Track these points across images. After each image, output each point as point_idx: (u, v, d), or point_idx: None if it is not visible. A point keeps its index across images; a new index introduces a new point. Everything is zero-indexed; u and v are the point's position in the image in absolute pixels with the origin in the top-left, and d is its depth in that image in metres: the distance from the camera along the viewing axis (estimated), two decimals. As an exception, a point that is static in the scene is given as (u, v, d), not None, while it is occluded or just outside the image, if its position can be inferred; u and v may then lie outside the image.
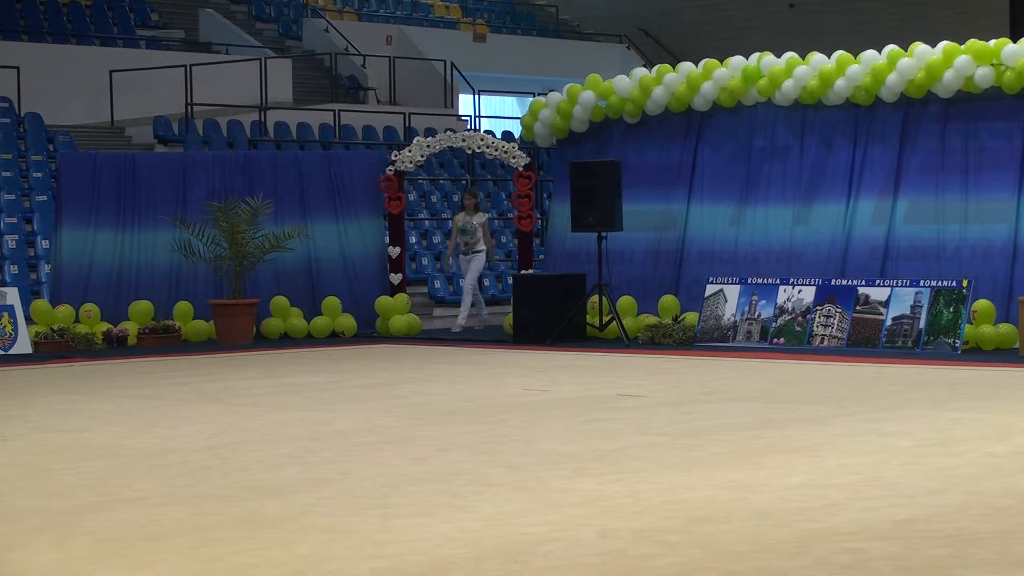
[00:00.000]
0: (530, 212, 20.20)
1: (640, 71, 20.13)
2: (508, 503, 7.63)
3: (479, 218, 20.55)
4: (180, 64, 26.62)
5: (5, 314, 17.93)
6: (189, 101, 26.05)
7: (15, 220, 21.31)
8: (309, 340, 19.57)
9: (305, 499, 7.82)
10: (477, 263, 20.42)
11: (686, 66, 19.57)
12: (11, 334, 17.93)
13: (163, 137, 25.26)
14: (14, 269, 20.54)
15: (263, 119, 26.73)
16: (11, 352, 17.76)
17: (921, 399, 12.23)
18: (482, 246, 20.43)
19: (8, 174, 22.33)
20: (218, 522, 7.23)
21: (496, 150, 20.47)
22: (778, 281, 17.78)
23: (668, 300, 18.74)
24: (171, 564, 6.37)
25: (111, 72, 25.94)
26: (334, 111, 27.73)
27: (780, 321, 17.49)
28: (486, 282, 23.80)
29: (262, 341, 19.43)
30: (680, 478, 8.28)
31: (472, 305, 20.60)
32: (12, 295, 18.17)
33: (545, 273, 19.84)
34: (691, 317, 18.29)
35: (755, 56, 18.99)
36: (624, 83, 19.88)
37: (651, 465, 8.78)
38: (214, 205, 19.31)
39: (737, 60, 19.05)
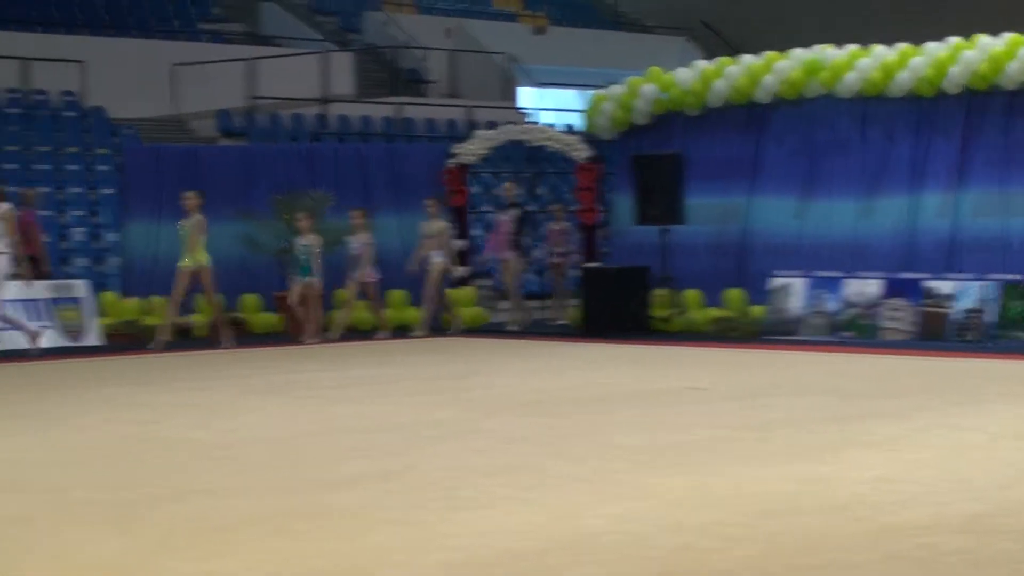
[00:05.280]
0: (593, 205, 20.11)
1: (701, 63, 20.04)
2: (573, 496, 7.61)
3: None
4: (242, 57, 26.74)
5: (75, 306, 18.07)
6: (251, 94, 26.16)
7: (82, 213, 21.47)
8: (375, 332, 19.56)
9: (371, 491, 7.84)
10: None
11: (747, 58, 19.47)
12: (81, 326, 18.06)
13: (226, 130, 25.38)
14: (82, 262, 20.69)
15: (325, 112, 26.80)
16: (81, 344, 17.88)
17: (994, 393, 12.09)
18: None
19: (74, 167, 22.50)
20: (284, 514, 7.25)
21: (559, 143, 20.40)
22: (844, 275, 17.65)
23: (733, 293, 18.66)
24: (239, 556, 6.39)
25: (173, 65, 26.08)
26: (396, 104, 27.75)
27: (847, 315, 17.36)
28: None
29: (328, 334, 19.45)
30: (748, 471, 8.23)
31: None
32: (82, 287, 18.33)
33: (610, 266, 19.78)
34: (756, 310, 18.20)
35: (817, 48, 18.86)
36: (685, 76, 19.78)
37: (718, 458, 8.74)
38: (278, 198, 19.36)
39: (799, 52, 18.92)
